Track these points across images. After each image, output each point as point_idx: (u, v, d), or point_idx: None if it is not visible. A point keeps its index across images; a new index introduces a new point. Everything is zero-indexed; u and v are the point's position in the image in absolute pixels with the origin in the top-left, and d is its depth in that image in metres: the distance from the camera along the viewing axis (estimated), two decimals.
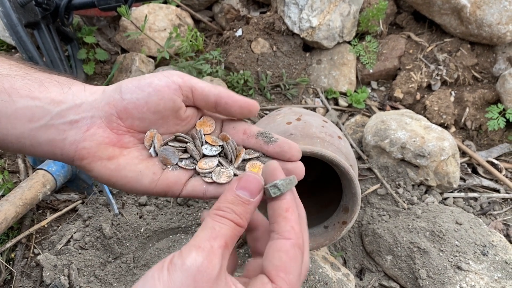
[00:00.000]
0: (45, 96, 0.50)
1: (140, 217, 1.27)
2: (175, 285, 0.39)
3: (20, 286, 1.14)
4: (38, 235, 1.25)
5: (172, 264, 0.41)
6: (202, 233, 0.43)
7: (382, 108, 1.69)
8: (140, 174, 0.53)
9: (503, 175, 1.52)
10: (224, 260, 0.43)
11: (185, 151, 0.57)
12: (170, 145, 0.56)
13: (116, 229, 1.21)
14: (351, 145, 1.50)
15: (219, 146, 0.57)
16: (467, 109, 1.64)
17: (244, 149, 0.57)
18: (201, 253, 0.41)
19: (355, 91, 1.71)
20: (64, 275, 1.11)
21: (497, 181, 1.52)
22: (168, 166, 0.55)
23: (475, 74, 1.70)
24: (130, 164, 0.53)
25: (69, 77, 0.55)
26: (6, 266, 1.16)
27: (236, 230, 0.45)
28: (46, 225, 1.26)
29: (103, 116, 0.52)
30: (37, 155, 0.52)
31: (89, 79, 1.67)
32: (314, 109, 1.64)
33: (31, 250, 1.21)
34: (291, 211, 0.48)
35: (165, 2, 1.81)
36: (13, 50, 1.72)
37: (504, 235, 1.36)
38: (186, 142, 0.56)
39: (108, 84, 1.48)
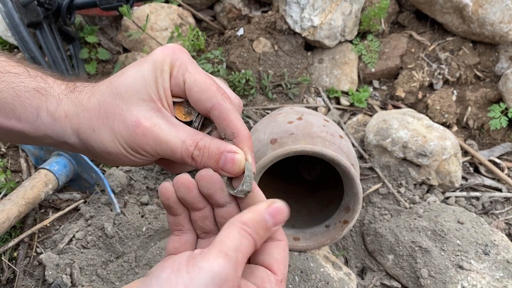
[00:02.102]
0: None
1: (142, 216, 1.27)
2: (198, 287, 0.39)
3: (22, 285, 1.14)
4: (40, 234, 1.25)
5: (195, 266, 0.40)
6: (229, 242, 0.43)
7: (384, 107, 1.69)
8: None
9: (505, 174, 1.52)
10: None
11: None
12: None
13: (118, 228, 1.21)
14: (352, 144, 1.50)
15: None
16: (469, 108, 1.63)
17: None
18: (228, 261, 0.41)
19: (357, 90, 1.71)
20: (66, 274, 1.11)
21: (499, 180, 1.52)
22: None
23: (477, 73, 1.69)
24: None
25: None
26: (9, 265, 1.17)
27: (252, 250, 0.46)
28: (48, 224, 1.27)
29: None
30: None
31: (91, 79, 1.67)
32: (315, 108, 1.64)
33: (34, 249, 1.21)
34: None
35: (166, 2, 1.81)
36: (15, 50, 1.73)
37: (506, 234, 1.36)
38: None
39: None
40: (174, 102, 0.55)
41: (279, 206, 0.49)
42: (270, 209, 0.48)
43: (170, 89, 0.53)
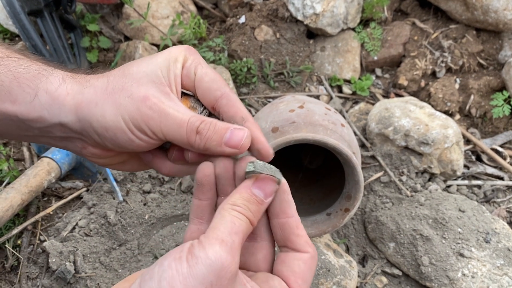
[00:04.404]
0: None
1: (145, 204, 1.28)
2: (197, 279, 0.39)
3: (26, 272, 1.16)
4: (43, 222, 1.26)
5: (194, 256, 0.40)
6: (222, 226, 0.43)
7: (386, 95, 1.69)
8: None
9: (508, 162, 1.51)
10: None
11: None
12: None
13: (120, 216, 1.22)
14: (354, 132, 1.49)
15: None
16: (472, 97, 1.62)
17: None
18: (224, 248, 0.40)
19: (359, 79, 1.70)
20: (69, 261, 1.12)
21: (501, 168, 1.51)
22: None
23: (481, 61, 1.68)
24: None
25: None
26: (12, 252, 1.18)
27: (249, 228, 0.45)
28: (51, 212, 1.27)
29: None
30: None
31: (92, 67, 1.67)
32: (317, 97, 1.64)
33: (37, 237, 1.22)
34: (301, 228, 0.51)
35: None
36: (16, 38, 1.72)
37: (508, 223, 1.36)
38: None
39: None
40: (182, 93, 0.55)
41: (266, 177, 0.48)
42: (257, 182, 0.48)
43: (181, 78, 0.54)
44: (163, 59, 0.53)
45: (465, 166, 1.49)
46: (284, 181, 0.51)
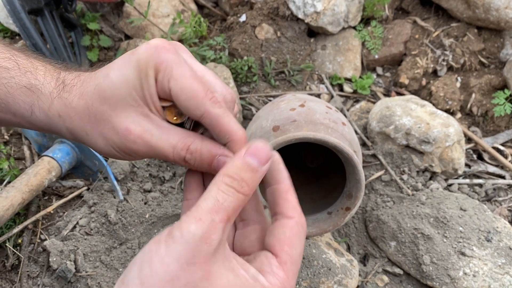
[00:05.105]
0: None
1: (145, 203, 1.28)
2: (173, 256, 0.39)
3: (27, 271, 1.15)
4: (44, 221, 1.26)
5: (171, 236, 0.40)
6: (204, 203, 0.42)
7: (387, 94, 1.68)
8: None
9: (509, 161, 1.51)
10: (225, 234, 0.42)
11: None
12: None
13: (121, 215, 1.22)
14: (355, 131, 1.49)
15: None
16: (473, 95, 1.62)
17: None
18: (200, 226, 0.40)
19: (360, 77, 1.70)
20: (70, 260, 1.12)
21: (502, 167, 1.51)
22: None
23: (482, 59, 1.68)
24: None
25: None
26: (13, 251, 1.18)
27: (240, 200, 0.44)
28: (52, 211, 1.27)
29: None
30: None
31: (93, 66, 1.67)
32: (318, 96, 1.64)
33: (38, 236, 1.22)
34: (291, 193, 0.50)
35: None
36: (17, 37, 1.72)
37: (509, 221, 1.36)
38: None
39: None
40: (163, 107, 0.53)
41: (258, 143, 0.47)
42: (250, 149, 0.46)
43: (158, 94, 0.52)
44: (133, 75, 0.50)
45: (467, 165, 1.49)
46: (275, 152, 0.51)
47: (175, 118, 0.54)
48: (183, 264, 0.39)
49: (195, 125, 0.55)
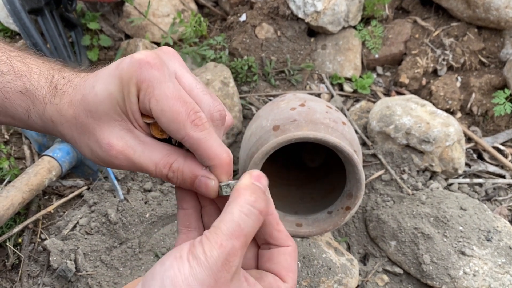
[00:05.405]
0: None
1: (145, 202, 1.28)
2: (197, 281, 0.40)
3: (27, 270, 1.16)
4: (44, 221, 1.26)
5: (194, 257, 0.41)
6: (226, 226, 0.43)
7: (387, 93, 1.68)
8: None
9: (509, 160, 1.51)
10: (242, 258, 0.43)
11: None
12: None
13: (121, 215, 1.22)
14: (355, 131, 1.49)
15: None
16: (473, 95, 1.62)
17: None
18: (222, 252, 0.41)
19: (360, 77, 1.70)
20: (70, 260, 1.12)
21: (502, 167, 1.51)
22: None
23: (482, 59, 1.68)
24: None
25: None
26: (13, 250, 1.18)
27: (259, 221, 0.45)
28: (52, 211, 1.27)
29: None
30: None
31: (93, 65, 1.67)
32: (318, 95, 1.64)
33: (38, 235, 1.22)
34: (280, 223, 0.52)
35: None
36: (17, 37, 1.72)
37: (509, 221, 1.36)
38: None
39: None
40: (147, 123, 0.52)
41: (254, 170, 0.49)
42: (253, 176, 0.48)
43: (140, 111, 0.51)
44: (116, 90, 0.49)
45: (467, 165, 1.49)
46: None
47: (160, 133, 0.53)
48: None
49: None
